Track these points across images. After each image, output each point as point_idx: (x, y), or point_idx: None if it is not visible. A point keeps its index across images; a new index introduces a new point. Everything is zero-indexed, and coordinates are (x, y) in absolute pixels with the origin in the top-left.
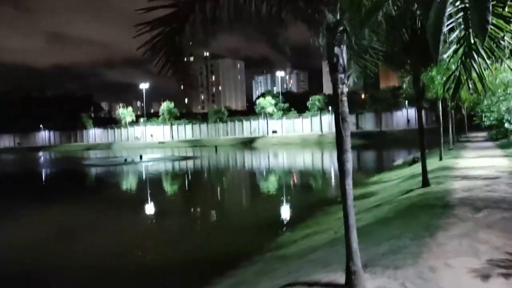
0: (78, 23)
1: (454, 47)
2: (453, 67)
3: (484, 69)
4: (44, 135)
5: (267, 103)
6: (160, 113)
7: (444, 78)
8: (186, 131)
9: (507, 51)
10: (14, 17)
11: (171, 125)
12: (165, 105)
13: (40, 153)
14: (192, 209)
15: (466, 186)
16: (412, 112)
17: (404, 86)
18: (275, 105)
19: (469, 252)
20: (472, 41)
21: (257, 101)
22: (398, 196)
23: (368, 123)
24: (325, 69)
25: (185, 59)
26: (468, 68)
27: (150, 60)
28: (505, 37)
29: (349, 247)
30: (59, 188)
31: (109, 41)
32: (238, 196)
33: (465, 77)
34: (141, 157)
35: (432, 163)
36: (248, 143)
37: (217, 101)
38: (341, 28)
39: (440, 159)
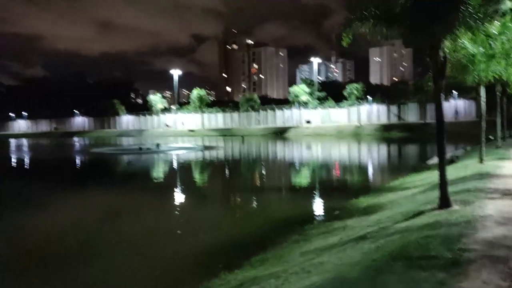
0: (126, 13)
1: None
2: None
3: None
4: (79, 121)
5: (300, 91)
6: (191, 101)
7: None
8: (217, 119)
9: None
10: (66, 6)
11: (202, 113)
12: (196, 92)
13: (76, 139)
14: (180, 212)
15: (506, 212)
16: (461, 103)
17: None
18: (311, 93)
19: None
20: None
21: (290, 89)
22: (398, 223)
23: (411, 115)
24: (372, 57)
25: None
26: None
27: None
28: None
29: None
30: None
31: (155, 30)
32: (242, 204)
33: None
34: (158, 145)
35: (469, 166)
36: (279, 133)
37: (258, 89)
38: None
39: (481, 161)
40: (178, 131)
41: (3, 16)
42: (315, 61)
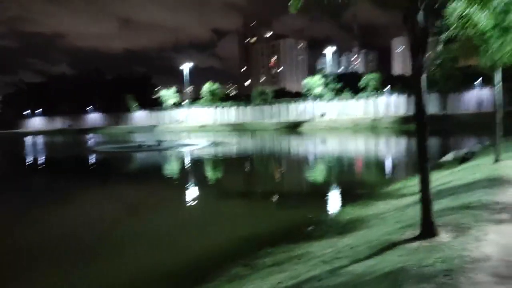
0: (147, 9)
1: None
2: None
3: None
4: (93, 118)
5: (315, 83)
6: (202, 95)
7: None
8: (230, 113)
9: None
10: (86, 5)
11: (216, 107)
12: (207, 86)
13: (90, 136)
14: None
15: None
16: (485, 92)
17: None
18: (326, 85)
19: None
20: None
21: (304, 81)
22: (357, 262)
23: (432, 105)
24: (395, 48)
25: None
26: None
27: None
28: None
29: None
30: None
31: (176, 26)
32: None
33: None
34: (159, 142)
35: (480, 167)
36: (292, 128)
37: (278, 82)
38: None
39: (496, 160)
40: (189, 126)
41: (25, 15)
42: (329, 50)
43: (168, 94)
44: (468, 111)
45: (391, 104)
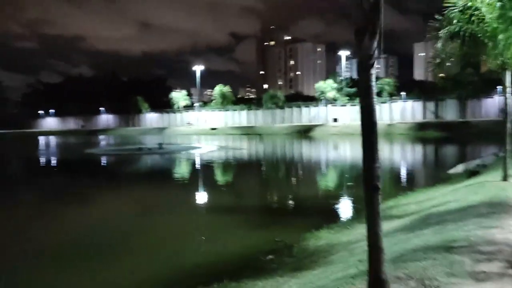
0: (165, 13)
1: None
2: None
3: None
4: (104, 119)
5: (327, 87)
6: (213, 98)
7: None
8: (241, 117)
9: None
10: (105, 8)
11: (226, 110)
12: (218, 89)
13: (101, 137)
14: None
15: None
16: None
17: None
18: (339, 89)
19: None
20: None
21: (316, 85)
22: None
23: (450, 112)
24: (417, 53)
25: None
26: None
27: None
28: None
29: None
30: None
31: (194, 30)
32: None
33: None
34: (160, 145)
35: (485, 185)
36: (303, 132)
37: (295, 86)
38: None
39: (505, 178)
40: (200, 129)
41: (46, 18)
42: (343, 54)
43: (179, 96)
44: (489, 118)
45: (407, 110)
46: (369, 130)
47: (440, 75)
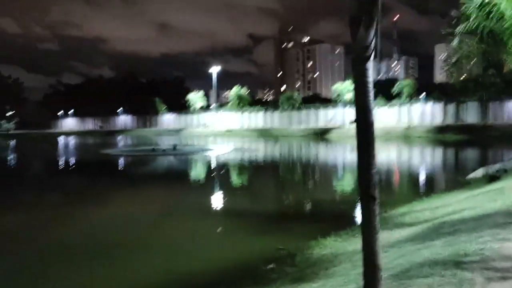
0: (183, 14)
1: None
2: None
3: None
4: (122, 120)
5: (345, 89)
6: (230, 99)
7: None
8: (257, 118)
9: None
10: (125, 10)
11: (243, 112)
12: (235, 90)
13: (119, 137)
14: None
15: None
16: None
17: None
18: None
19: None
20: None
21: (333, 87)
22: None
23: (471, 115)
24: (438, 54)
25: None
26: None
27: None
28: None
29: None
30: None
31: (212, 31)
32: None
33: None
34: (174, 147)
35: (505, 191)
36: (320, 134)
37: (313, 88)
38: None
39: None
40: (216, 130)
41: (68, 20)
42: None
43: (195, 98)
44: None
45: (427, 112)
46: (364, 132)
47: (461, 76)
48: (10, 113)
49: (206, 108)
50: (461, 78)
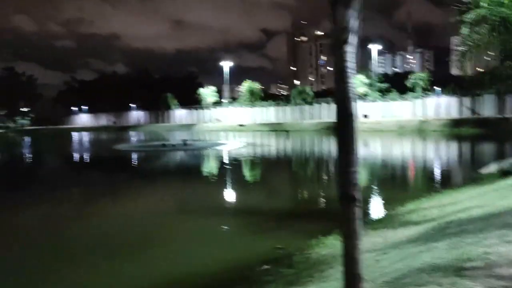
0: (196, 10)
1: None
2: None
3: None
4: (135, 115)
5: (358, 82)
6: (241, 94)
7: None
8: (269, 113)
9: None
10: (139, 6)
11: (254, 107)
12: (246, 85)
13: (132, 133)
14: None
15: None
16: None
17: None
18: (370, 85)
19: None
20: None
21: None
22: None
23: (487, 108)
24: (454, 47)
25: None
26: None
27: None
28: None
29: None
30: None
31: (225, 27)
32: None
33: None
34: (184, 142)
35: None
36: (331, 129)
37: (327, 82)
38: None
39: None
40: (228, 125)
41: (83, 17)
42: (374, 48)
43: (207, 93)
44: None
45: (442, 106)
46: (344, 123)
47: (472, 67)
48: (25, 109)
49: (218, 103)
50: (476, 70)
